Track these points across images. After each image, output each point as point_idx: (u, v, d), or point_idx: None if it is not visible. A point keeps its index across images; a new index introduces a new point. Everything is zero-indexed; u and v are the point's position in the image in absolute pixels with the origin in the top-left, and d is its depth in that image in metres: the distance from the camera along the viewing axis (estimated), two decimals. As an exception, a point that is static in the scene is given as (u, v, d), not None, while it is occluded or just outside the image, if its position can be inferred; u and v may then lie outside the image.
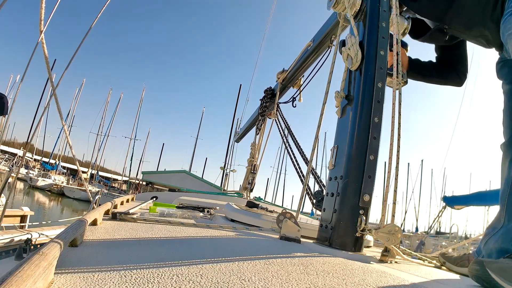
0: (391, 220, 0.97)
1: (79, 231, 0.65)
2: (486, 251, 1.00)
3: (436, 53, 1.49)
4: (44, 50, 1.37)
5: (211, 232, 1.04)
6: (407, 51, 1.43)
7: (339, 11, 1.36)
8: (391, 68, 1.13)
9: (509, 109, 1.08)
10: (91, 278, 0.48)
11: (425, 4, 1.24)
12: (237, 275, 0.57)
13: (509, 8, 0.98)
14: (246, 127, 4.07)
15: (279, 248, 0.93)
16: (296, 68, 2.43)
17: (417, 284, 0.68)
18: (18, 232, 3.31)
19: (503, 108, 1.10)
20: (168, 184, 13.76)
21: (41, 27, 1.35)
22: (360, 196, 1.03)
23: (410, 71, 1.41)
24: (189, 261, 0.62)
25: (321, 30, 2.07)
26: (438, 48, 1.48)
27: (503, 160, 1.05)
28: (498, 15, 1.04)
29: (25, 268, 0.35)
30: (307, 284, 0.57)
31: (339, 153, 1.16)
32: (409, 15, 1.37)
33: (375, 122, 1.10)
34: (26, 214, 4.73)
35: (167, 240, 0.86)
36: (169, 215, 1.38)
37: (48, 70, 1.46)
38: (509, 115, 1.08)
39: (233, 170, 6.16)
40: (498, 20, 1.04)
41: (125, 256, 0.63)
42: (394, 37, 1.13)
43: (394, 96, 1.08)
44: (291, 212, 1.16)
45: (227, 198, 2.75)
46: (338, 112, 1.25)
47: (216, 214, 1.68)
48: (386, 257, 0.96)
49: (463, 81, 1.45)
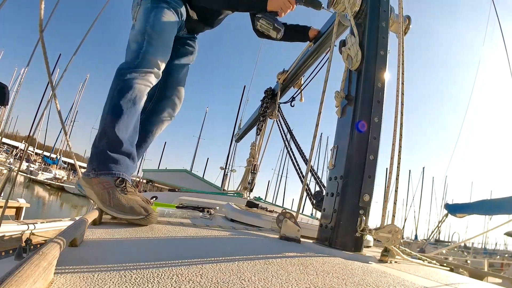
0: (391, 221, 0.97)
1: (79, 231, 0.65)
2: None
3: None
4: (44, 51, 1.37)
5: (211, 232, 1.04)
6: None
7: (339, 11, 1.36)
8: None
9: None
10: (91, 278, 0.48)
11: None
12: (237, 275, 0.57)
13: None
14: (246, 127, 4.06)
15: (279, 248, 0.93)
16: (297, 69, 2.43)
17: (417, 284, 0.68)
18: (14, 223, 3.31)
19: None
20: (168, 183, 13.73)
21: (40, 27, 1.35)
22: (360, 196, 1.03)
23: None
24: (189, 261, 0.62)
25: (321, 30, 2.07)
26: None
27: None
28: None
29: (25, 268, 0.35)
30: (307, 284, 0.57)
31: (339, 153, 1.16)
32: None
33: (375, 122, 1.11)
34: (21, 206, 4.70)
35: (167, 240, 0.86)
36: (169, 215, 1.38)
37: (48, 71, 1.46)
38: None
39: (233, 170, 6.16)
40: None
41: (125, 256, 0.63)
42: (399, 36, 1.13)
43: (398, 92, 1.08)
44: (291, 212, 1.15)
45: (227, 198, 2.74)
46: (338, 112, 1.25)
47: (216, 214, 1.68)
48: (386, 257, 0.96)
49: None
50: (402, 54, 1.14)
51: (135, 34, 1.29)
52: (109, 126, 1.12)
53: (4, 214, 4.18)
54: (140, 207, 1.01)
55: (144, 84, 1.23)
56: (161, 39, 1.30)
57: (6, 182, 3.00)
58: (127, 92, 1.16)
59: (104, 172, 1.09)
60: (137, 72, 1.21)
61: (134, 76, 1.20)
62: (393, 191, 1.01)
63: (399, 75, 1.11)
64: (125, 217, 1.00)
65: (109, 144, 1.12)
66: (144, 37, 1.26)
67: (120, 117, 1.13)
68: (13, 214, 4.58)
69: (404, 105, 1.08)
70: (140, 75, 1.22)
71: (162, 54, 1.30)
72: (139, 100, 1.20)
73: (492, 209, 3.69)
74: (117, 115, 1.13)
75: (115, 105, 1.15)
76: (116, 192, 1.04)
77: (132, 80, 1.19)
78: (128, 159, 1.17)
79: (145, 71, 1.23)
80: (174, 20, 1.37)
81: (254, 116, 3.47)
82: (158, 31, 1.28)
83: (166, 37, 1.33)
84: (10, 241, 2.99)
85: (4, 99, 1.72)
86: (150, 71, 1.25)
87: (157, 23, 1.28)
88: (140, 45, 1.25)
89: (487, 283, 1.12)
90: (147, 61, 1.24)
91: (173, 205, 1.62)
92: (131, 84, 1.18)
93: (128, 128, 1.17)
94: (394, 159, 1.02)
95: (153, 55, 1.25)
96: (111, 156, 1.11)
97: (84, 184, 1.12)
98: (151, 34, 1.26)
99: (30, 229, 3.32)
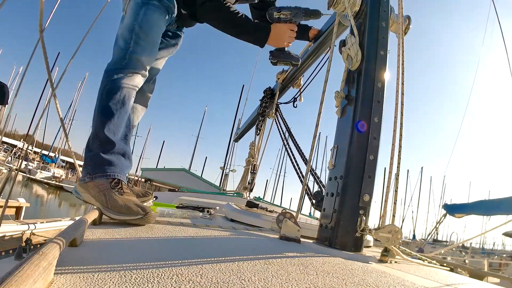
0: (391, 221, 0.97)
1: (79, 231, 0.65)
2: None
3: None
4: (44, 52, 1.37)
5: (211, 232, 1.04)
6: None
7: (339, 11, 1.36)
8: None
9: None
10: (91, 278, 0.48)
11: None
12: (237, 275, 0.57)
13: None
14: (245, 127, 4.06)
15: (279, 248, 0.93)
16: (296, 69, 2.43)
17: (417, 285, 0.68)
18: (14, 222, 3.30)
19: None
20: (167, 181, 13.71)
21: (40, 27, 1.34)
22: (360, 196, 1.03)
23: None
24: (189, 261, 0.62)
25: (321, 30, 2.07)
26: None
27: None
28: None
29: (25, 268, 0.35)
30: (307, 284, 0.57)
31: (339, 153, 1.16)
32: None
33: (375, 122, 1.11)
34: (21, 206, 4.68)
35: (167, 240, 0.86)
36: (169, 215, 1.38)
37: (48, 72, 1.46)
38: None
39: (232, 170, 6.15)
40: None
41: (125, 256, 0.63)
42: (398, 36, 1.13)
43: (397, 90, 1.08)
44: (291, 212, 1.16)
45: (227, 198, 2.74)
46: (338, 112, 1.25)
47: (216, 214, 1.68)
48: (386, 257, 0.96)
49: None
50: (402, 54, 1.14)
51: (123, 30, 1.28)
52: (100, 128, 1.12)
53: (5, 214, 4.17)
54: (137, 207, 1.01)
55: (132, 84, 1.23)
56: (149, 38, 1.29)
57: (6, 182, 2.99)
58: (116, 93, 1.17)
59: (99, 174, 1.09)
60: (124, 73, 1.21)
61: (121, 76, 1.20)
62: (393, 191, 1.02)
63: (399, 75, 1.11)
64: (123, 218, 1.00)
65: (101, 146, 1.12)
66: (131, 35, 1.25)
67: (110, 119, 1.14)
68: (13, 214, 4.56)
69: (404, 105, 1.08)
70: (127, 75, 1.22)
71: (149, 54, 1.30)
72: (128, 99, 1.20)
73: (490, 209, 3.70)
74: (107, 116, 1.14)
75: (104, 107, 1.15)
76: (112, 193, 1.05)
77: (119, 81, 1.19)
78: (123, 158, 1.17)
79: (132, 72, 1.23)
80: (163, 18, 1.35)
81: (253, 116, 3.47)
82: (146, 30, 1.27)
83: (154, 36, 1.32)
84: (10, 241, 2.98)
85: (4, 98, 1.72)
86: (137, 71, 1.25)
87: (145, 22, 1.27)
88: (127, 44, 1.24)
89: (487, 283, 1.13)
90: (134, 62, 1.24)
91: (173, 205, 1.62)
92: (118, 84, 1.18)
93: (120, 128, 1.17)
94: (394, 159, 1.02)
95: (140, 55, 1.25)
96: (104, 158, 1.11)
97: (81, 190, 1.12)
98: (139, 33, 1.26)
99: (30, 229, 3.31)
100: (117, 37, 1.30)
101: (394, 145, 1.03)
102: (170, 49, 1.60)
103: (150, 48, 1.31)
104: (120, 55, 1.24)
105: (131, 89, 1.23)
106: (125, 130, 1.21)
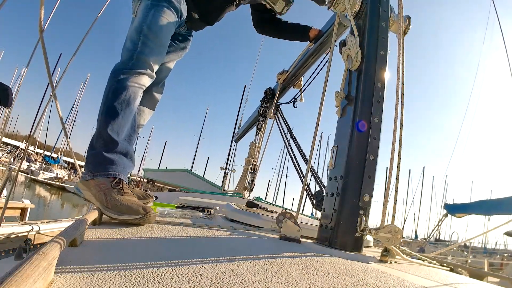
0: (391, 221, 0.97)
1: (79, 231, 0.65)
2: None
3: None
4: (44, 52, 1.37)
5: (211, 232, 1.04)
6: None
7: (339, 11, 1.36)
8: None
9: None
10: (91, 278, 0.48)
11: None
12: (237, 275, 0.57)
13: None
14: (246, 127, 4.06)
15: (279, 248, 0.93)
16: (297, 69, 2.43)
17: (417, 285, 0.68)
18: (19, 224, 3.31)
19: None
20: (169, 182, 13.72)
21: (40, 27, 1.35)
22: (360, 196, 1.03)
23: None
24: (188, 261, 0.63)
25: (321, 31, 2.07)
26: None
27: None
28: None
29: (25, 268, 0.35)
30: (307, 284, 0.57)
31: (339, 153, 1.16)
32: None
33: (375, 122, 1.10)
34: (26, 207, 4.71)
35: (167, 240, 0.86)
36: (169, 215, 1.38)
37: (48, 72, 1.46)
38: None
39: (233, 170, 6.14)
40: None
41: (125, 256, 0.63)
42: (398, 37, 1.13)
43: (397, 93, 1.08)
44: (291, 212, 1.16)
45: (227, 198, 2.74)
46: (338, 112, 1.25)
47: (216, 214, 1.68)
48: (386, 257, 0.96)
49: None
50: (402, 54, 1.14)
51: (132, 32, 1.28)
52: (104, 127, 1.12)
53: (11, 215, 4.19)
54: (138, 206, 1.01)
55: (138, 84, 1.23)
56: (157, 40, 1.29)
57: (6, 182, 2.99)
58: (121, 93, 1.16)
59: (100, 173, 1.09)
60: (131, 73, 1.21)
61: (127, 77, 1.20)
62: (393, 191, 1.01)
63: (399, 75, 1.11)
64: (123, 218, 1.00)
65: (105, 145, 1.12)
66: (139, 37, 1.25)
67: (115, 119, 1.14)
68: (19, 215, 4.58)
69: (404, 105, 1.08)
70: (134, 76, 1.21)
71: (156, 55, 1.30)
72: (134, 100, 1.20)
73: (491, 209, 3.70)
74: (112, 116, 1.14)
75: (109, 107, 1.15)
76: (113, 193, 1.05)
77: (125, 81, 1.19)
78: (126, 158, 1.17)
79: (139, 72, 1.23)
80: (172, 20, 1.35)
81: (254, 116, 3.47)
82: (154, 31, 1.27)
83: (162, 38, 1.32)
84: (16, 243, 2.99)
85: (8, 100, 1.73)
86: (143, 72, 1.24)
87: (154, 23, 1.27)
88: (135, 45, 1.24)
89: (487, 283, 1.12)
90: (141, 62, 1.24)
91: (173, 205, 1.62)
92: (124, 85, 1.18)
93: (124, 128, 1.17)
94: (394, 159, 1.02)
95: (148, 56, 1.25)
96: (107, 157, 1.11)
97: (82, 188, 1.12)
98: (147, 35, 1.26)
99: (35, 230, 3.31)
100: (126, 39, 1.30)
101: (394, 145, 1.03)
102: (179, 52, 1.61)
103: (158, 49, 1.30)
104: (128, 56, 1.24)
105: (137, 88, 1.22)
106: (130, 130, 1.21)
